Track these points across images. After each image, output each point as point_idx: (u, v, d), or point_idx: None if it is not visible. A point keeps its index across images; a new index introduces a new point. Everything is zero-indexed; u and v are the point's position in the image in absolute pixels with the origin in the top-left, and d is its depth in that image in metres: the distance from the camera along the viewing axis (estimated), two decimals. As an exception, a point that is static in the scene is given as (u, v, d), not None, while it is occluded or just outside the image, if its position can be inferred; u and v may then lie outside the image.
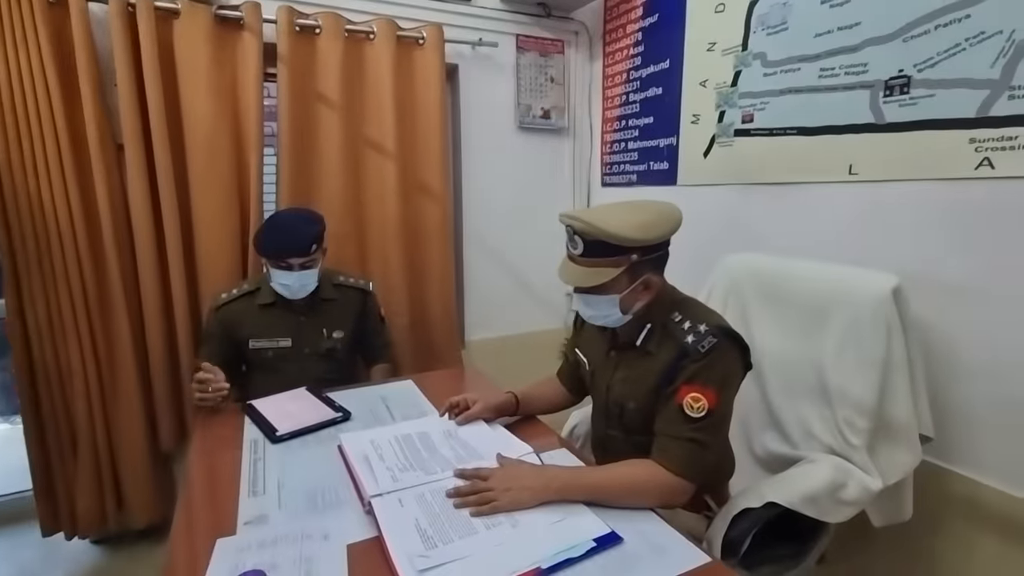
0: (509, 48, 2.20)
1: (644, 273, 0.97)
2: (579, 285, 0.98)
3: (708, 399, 0.92)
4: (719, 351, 0.94)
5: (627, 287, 0.97)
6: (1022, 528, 1.13)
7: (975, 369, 1.19)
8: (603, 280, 0.95)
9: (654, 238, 0.95)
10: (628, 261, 0.95)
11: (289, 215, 1.54)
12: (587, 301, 1.01)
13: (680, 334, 0.97)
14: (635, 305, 1.00)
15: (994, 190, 1.13)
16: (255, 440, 1.16)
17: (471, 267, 2.32)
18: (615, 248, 0.93)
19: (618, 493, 0.90)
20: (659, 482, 0.91)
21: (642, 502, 0.90)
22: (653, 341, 1.02)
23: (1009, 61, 1.08)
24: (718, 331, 0.95)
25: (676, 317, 1.00)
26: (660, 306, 1.02)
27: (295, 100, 1.79)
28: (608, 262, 0.95)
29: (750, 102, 1.64)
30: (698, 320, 0.97)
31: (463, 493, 0.89)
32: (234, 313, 1.50)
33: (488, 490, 0.89)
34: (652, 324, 1.02)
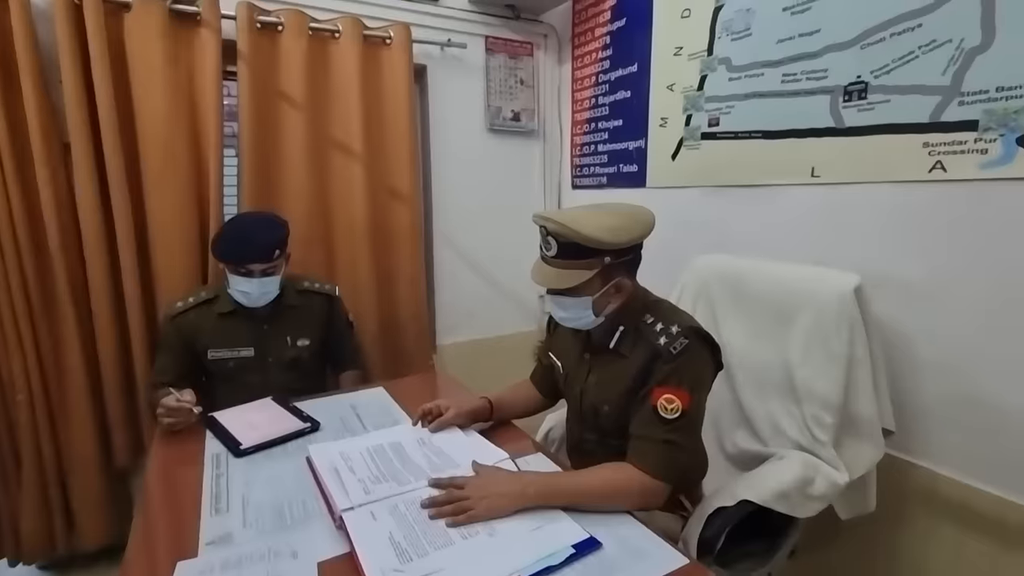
0: (478, 50, 2.18)
1: (617, 276, 0.98)
2: (552, 287, 0.98)
3: (682, 400, 0.92)
4: (691, 352, 0.94)
5: (599, 289, 0.97)
6: (977, 515, 1.18)
7: (930, 364, 1.24)
8: (576, 282, 0.95)
9: (627, 241, 0.95)
10: (601, 264, 0.95)
11: (250, 219, 1.48)
12: (560, 303, 1.01)
13: (652, 336, 0.98)
14: (607, 307, 1.00)
15: (945, 192, 1.18)
16: (217, 454, 1.11)
17: (441, 270, 2.29)
18: (588, 250, 0.93)
19: (596, 497, 0.89)
20: (636, 485, 0.91)
21: (620, 505, 0.90)
22: (626, 343, 1.02)
23: (959, 69, 1.13)
24: (690, 332, 0.96)
25: (648, 319, 1.00)
26: (632, 308, 1.03)
27: (257, 99, 1.73)
28: (581, 264, 0.95)
29: (716, 106, 1.68)
30: (670, 322, 0.98)
31: (438, 503, 0.87)
32: (191, 322, 1.43)
33: (464, 499, 0.87)
34: (625, 327, 1.03)
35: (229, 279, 1.39)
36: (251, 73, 1.70)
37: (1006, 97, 1.07)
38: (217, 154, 1.67)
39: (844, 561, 1.42)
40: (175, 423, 1.17)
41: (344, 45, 1.84)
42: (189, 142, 1.66)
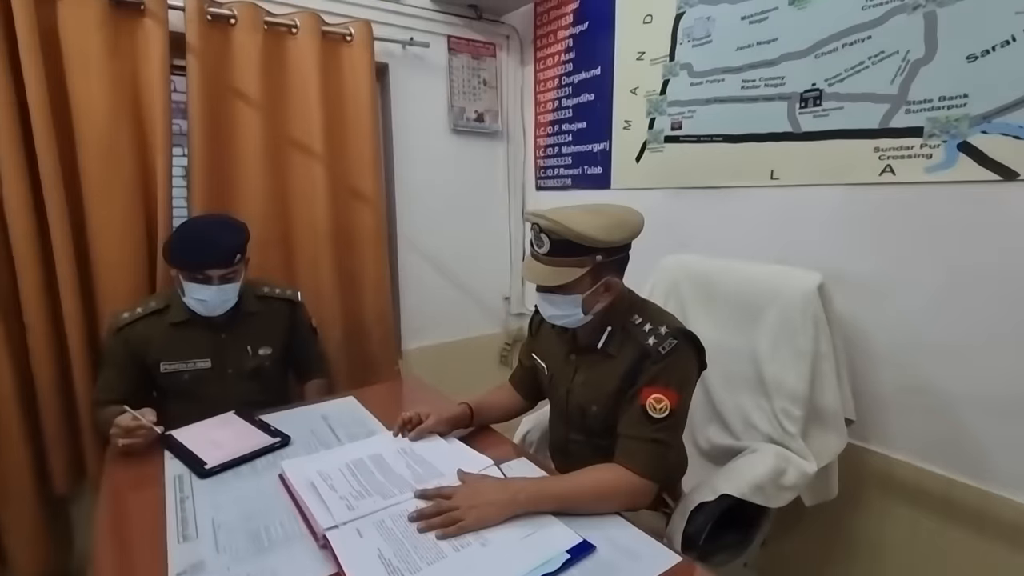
0: (441, 49, 2.15)
1: (606, 274, 0.99)
2: (544, 284, 0.98)
3: (670, 399, 0.94)
4: (679, 352, 0.96)
5: (590, 287, 0.98)
6: (927, 494, 1.27)
7: (883, 356, 1.32)
8: (567, 280, 0.95)
9: (618, 240, 0.97)
10: (592, 262, 0.96)
11: (208, 221, 1.39)
12: (550, 300, 1.01)
13: (641, 336, 0.99)
14: (596, 306, 1.01)
15: (895, 194, 1.26)
16: (179, 476, 1.03)
17: (406, 273, 2.25)
18: (580, 248, 0.94)
19: (586, 500, 0.89)
20: (626, 485, 0.91)
21: (610, 507, 0.90)
22: (614, 343, 1.03)
23: (905, 79, 1.21)
24: (678, 333, 0.98)
25: (636, 319, 1.02)
26: (620, 308, 1.04)
27: (208, 96, 1.63)
28: (573, 262, 0.95)
29: (678, 110, 1.72)
30: (658, 322, 1.00)
31: (427, 515, 0.85)
32: (140, 334, 1.33)
33: (453, 509, 0.85)
34: (612, 327, 1.03)
35: (184, 287, 1.30)
36: (201, 68, 1.60)
37: (947, 106, 1.15)
38: (165, 153, 1.56)
39: (809, 545, 1.49)
40: (132, 444, 1.08)
41: (302, 41, 1.77)
42: (133, 140, 1.54)
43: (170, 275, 1.61)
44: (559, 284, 0.96)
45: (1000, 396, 1.14)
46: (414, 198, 2.20)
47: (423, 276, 2.29)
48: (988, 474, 1.18)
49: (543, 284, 0.98)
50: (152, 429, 1.10)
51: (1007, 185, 1.09)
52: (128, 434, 1.08)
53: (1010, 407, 1.13)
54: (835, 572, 1.46)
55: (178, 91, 1.70)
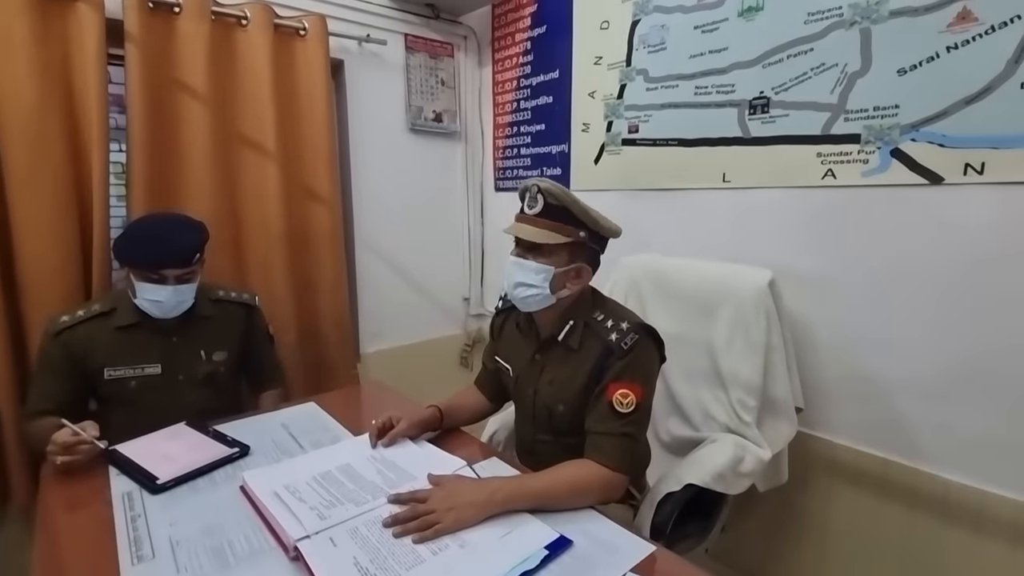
0: (398, 47, 2.12)
1: (582, 258, 1.02)
2: (527, 238, 1.00)
3: (635, 394, 0.96)
4: (641, 347, 0.99)
5: (565, 264, 1.01)
6: (868, 475, 1.37)
7: (826, 348, 1.41)
8: (551, 240, 0.98)
9: (603, 228, 1.02)
10: (577, 235, 0.99)
11: (164, 220, 1.30)
12: (522, 265, 1.02)
13: (603, 332, 1.02)
14: (562, 290, 1.03)
15: (836, 196, 1.35)
16: (128, 493, 0.96)
17: (364, 275, 2.19)
18: (571, 218, 0.99)
19: (563, 496, 0.90)
20: (599, 479, 0.93)
21: (585, 501, 0.91)
22: (575, 337, 1.05)
23: (843, 89, 1.30)
24: (639, 328, 1.01)
25: (598, 316, 1.04)
26: (584, 303, 1.07)
27: (149, 88, 1.53)
28: (560, 228, 0.99)
29: (635, 114, 1.78)
30: (619, 318, 1.03)
31: (402, 519, 0.83)
32: (82, 338, 1.24)
33: (429, 512, 0.84)
34: (574, 321, 1.06)
35: (137, 287, 1.21)
36: (142, 58, 1.50)
37: (881, 115, 1.24)
38: (101, 148, 1.45)
39: (762, 529, 1.57)
40: (72, 462, 1.00)
41: (253, 34, 1.69)
42: (65, 132, 1.43)
43: (111, 279, 1.53)
44: (541, 242, 0.98)
45: (928, 382, 1.25)
46: (371, 198, 2.15)
47: (381, 278, 2.24)
48: (918, 453, 1.29)
49: (526, 238, 1.00)
50: (95, 444, 1.02)
51: (933, 189, 1.19)
52: (67, 451, 0.99)
53: (936, 392, 1.24)
54: (786, 552, 1.55)
55: (115, 83, 1.60)
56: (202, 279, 1.34)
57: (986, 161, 1.11)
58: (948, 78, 1.14)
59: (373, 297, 2.23)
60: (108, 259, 1.50)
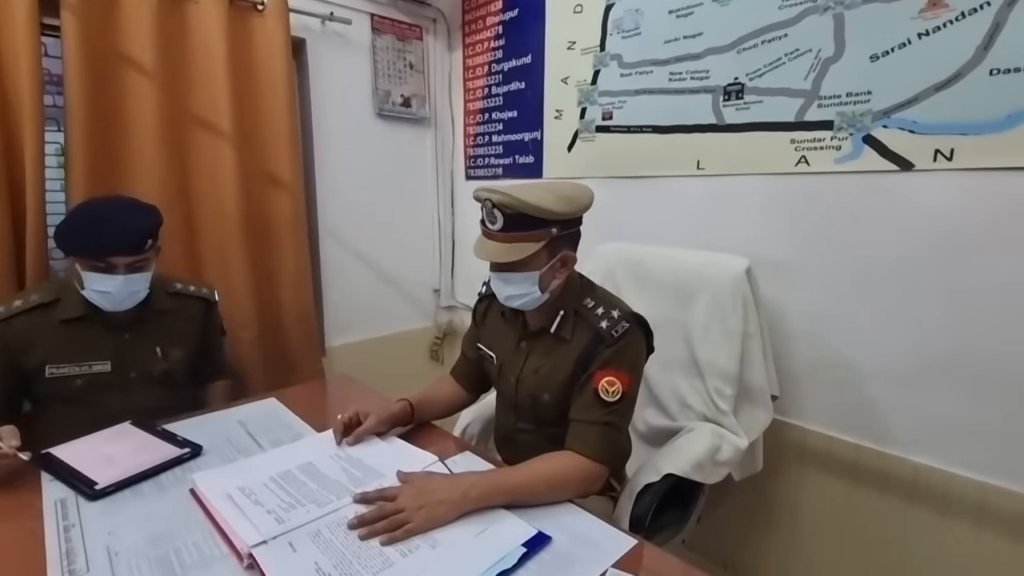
0: (364, 27, 2.03)
1: (562, 249, 0.97)
2: (500, 261, 0.94)
3: (622, 382, 0.93)
4: (630, 335, 0.96)
5: (546, 263, 0.96)
6: (839, 461, 1.38)
7: (798, 335, 1.42)
8: (524, 255, 0.92)
9: (572, 212, 0.95)
10: (548, 235, 0.93)
11: (111, 202, 1.19)
12: (506, 279, 0.97)
13: (594, 319, 0.98)
14: (552, 283, 0.98)
15: (809, 183, 1.35)
16: (61, 501, 0.87)
17: (329, 266, 2.10)
18: (536, 222, 0.91)
19: (541, 490, 0.86)
20: (580, 471, 0.90)
21: (565, 495, 0.88)
22: (567, 327, 1.01)
23: (817, 75, 1.29)
24: (630, 316, 0.98)
25: (588, 303, 1.01)
26: (572, 291, 1.03)
27: (90, 60, 1.41)
28: (529, 236, 0.92)
29: (609, 100, 1.74)
30: (610, 306, 1.00)
31: (368, 520, 0.77)
32: (19, 332, 1.13)
33: (398, 511, 0.78)
34: (565, 310, 1.02)
35: (83, 277, 1.11)
36: (81, 28, 1.38)
37: (854, 102, 1.24)
38: (35, 126, 1.33)
39: (734, 516, 1.57)
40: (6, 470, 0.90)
41: (206, 7, 1.59)
42: (-9, 109, 1.30)
43: (47, 268, 1.41)
44: (516, 260, 0.92)
45: (897, 369, 1.26)
46: (337, 185, 2.06)
47: (347, 268, 2.16)
48: (888, 438, 1.30)
49: (499, 261, 0.94)
50: (16, 456, 0.91)
51: (904, 175, 1.20)
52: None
53: (905, 378, 1.25)
54: (759, 539, 1.55)
55: (51, 56, 1.47)
56: (157, 269, 1.24)
57: (955, 147, 1.12)
58: (919, 64, 1.15)
59: (339, 288, 2.14)
60: (43, 247, 1.39)
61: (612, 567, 0.72)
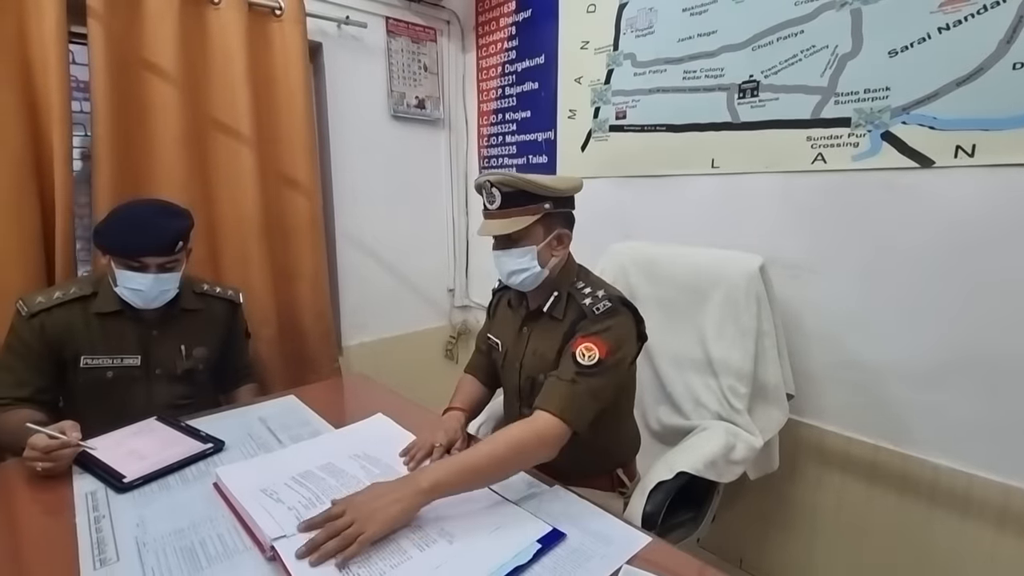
0: (379, 31, 2.06)
1: (557, 226, 1.04)
2: (498, 233, 1.01)
3: (599, 349, 0.93)
4: (613, 313, 0.99)
5: (543, 239, 1.02)
6: (857, 462, 1.36)
7: (815, 333, 1.40)
8: (521, 227, 0.99)
9: (564, 189, 1.02)
10: (543, 210, 1.00)
11: (147, 206, 1.23)
12: (507, 255, 1.03)
13: (581, 298, 1.03)
14: (551, 260, 1.04)
15: (826, 181, 1.34)
16: (91, 492, 0.91)
17: (345, 266, 2.14)
18: (531, 197, 0.99)
19: (497, 461, 0.84)
20: (535, 428, 0.88)
21: (526, 460, 0.88)
22: (559, 307, 1.06)
23: (834, 72, 1.28)
24: (613, 298, 1.01)
25: (579, 284, 1.05)
26: (567, 273, 1.08)
27: (115, 67, 1.46)
28: (525, 210, 1.00)
29: (623, 99, 1.74)
30: (597, 287, 1.04)
31: (319, 541, 0.71)
32: (59, 322, 1.17)
33: (347, 525, 0.72)
34: (559, 292, 1.06)
35: (117, 275, 1.15)
36: (107, 35, 1.43)
37: (872, 98, 1.23)
38: (63, 130, 1.38)
39: (750, 516, 1.56)
40: (54, 468, 0.93)
41: (225, 13, 1.62)
42: (24, 114, 1.36)
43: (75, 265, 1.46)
44: (514, 231, 0.99)
45: (917, 368, 1.24)
46: (353, 186, 2.09)
47: (363, 269, 2.18)
48: (908, 439, 1.28)
49: (497, 233, 1.01)
50: (78, 447, 0.95)
51: (924, 172, 1.18)
52: (48, 456, 0.92)
53: (927, 377, 1.23)
54: (776, 540, 1.54)
55: (78, 63, 1.52)
56: (186, 270, 1.28)
57: (977, 143, 1.10)
58: (939, 59, 1.13)
59: (355, 288, 2.17)
60: (71, 246, 1.43)
61: (626, 564, 0.72)
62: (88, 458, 0.98)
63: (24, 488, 0.92)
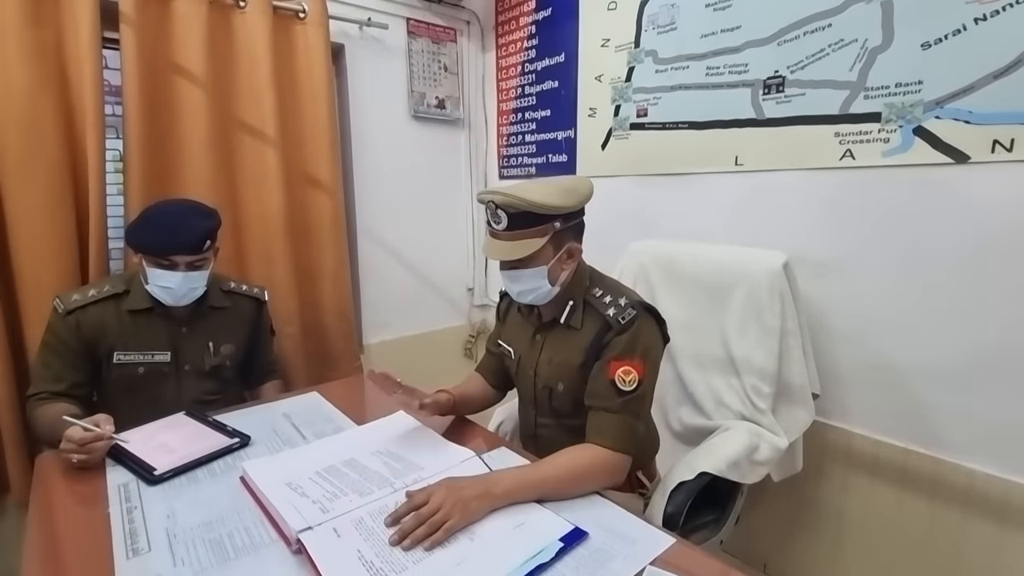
0: (400, 31, 2.07)
1: (567, 241, 0.99)
2: (507, 259, 0.97)
3: (638, 371, 0.94)
4: (640, 322, 0.97)
5: (553, 257, 0.98)
6: (886, 466, 1.33)
7: (842, 333, 1.37)
8: (530, 251, 0.95)
9: (573, 204, 0.97)
10: (552, 229, 0.96)
11: (177, 206, 1.27)
12: (515, 277, 1.00)
13: (602, 307, 1.00)
14: (561, 275, 1.01)
15: (854, 178, 1.30)
16: (124, 484, 0.93)
17: (366, 265, 2.16)
18: (538, 217, 0.94)
19: (565, 483, 0.87)
20: (601, 462, 0.90)
21: (589, 487, 0.88)
22: (576, 316, 1.03)
23: (864, 66, 1.25)
24: (636, 305, 0.99)
25: (597, 292, 1.03)
26: (581, 280, 1.05)
27: (146, 72, 1.49)
28: (533, 232, 0.95)
29: (644, 97, 1.73)
30: (617, 294, 1.01)
31: (408, 530, 0.75)
32: (93, 319, 1.21)
33: (434, 511, 0.77)
34: (574, 300, 1.03)
35: (147, 272, 1.19)
36: (138, 41, 1.47)
37: (903, 92, 1.19)
38: (96, 133, 1.42)
39: (774, 519, 1.54)
40: (89, 460, 0.96)
41: (251, 17, 1.65)
42: (60, 119, 1.40)
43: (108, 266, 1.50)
44: (523, 256, 0.95)
45: (952, 368, 1.21)
46: (374, 186, 2.11)
47: (383, 268, 2.21)
48: (940, 442, 1.25)
49: (506, 259, 0.97)
50: (111, 440, 0.98)
51: (959, 168, 1.14)
52: (83, 448, 0.95)
53: (959, 379, 1.20)
54: (800, 544, 1.51)
55: (111, 68, 1.56)
56: (214, 269, 1.31)
57: (1016, 137, 1.06)
58: (975, 51, 1.09)
59: (375, 287, 2.19)
60: (104, 246, 1.48)
61: (650, 565, 0.72)
62: (120, 451, 1.01)
63: (60, 479, 0.95)
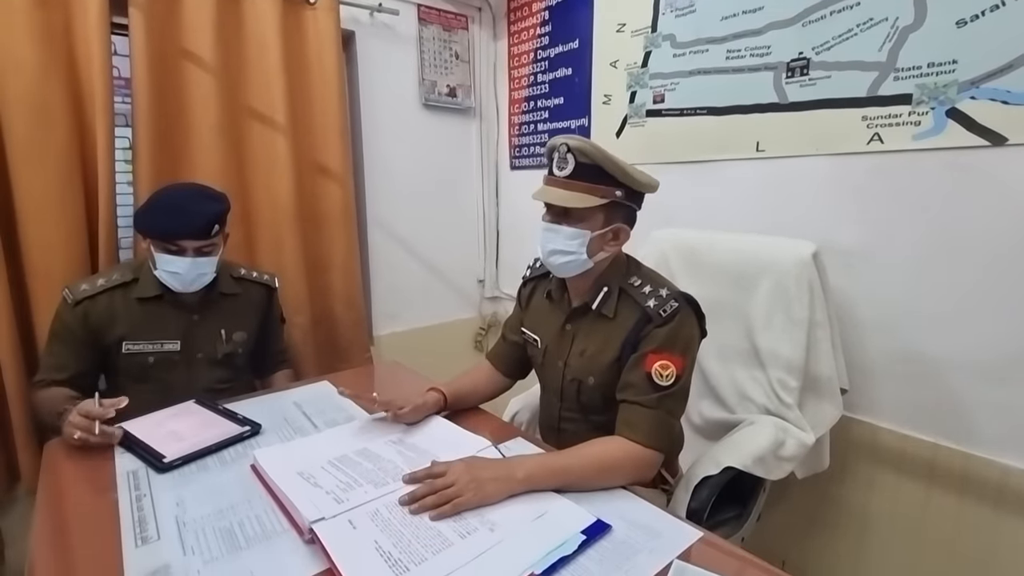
0: (411, 18, 2.04)
1: (619, 219, 0.95)
2: (559, 203, 0.91)
3: (676, 366, 0.90)
4: (681, 315, 0.92)
5: (601, 227, 0.93)
6: (914, 461, 1.28)
7: (870, 324, 1.33)
8: (585, 204, 0.90)
9: (642, 182, 0.93)
10: (612, 195, 0.91)
11: (184, 190, 1.25)
12: (555, 230, 0.94)
13: (641, 298, 0.95)
14: (599, 253, 0.96)
15: (883, 162, 1.26)
16: (133, 472, 0.91)
17: (376, 255, 2.13)
18: (606, 177, 0.90)
19: (589, 474, 0.84)
20: (630, 456, 0.87)
21: (614, 480, 0.85)
22: (610, 304, 0.98)
23: (894, 46, 1.20)
24: (679, 296, 0.94)
25: (635, 281, 0.98)
26: (618, 268, 1.00)
27: (155, 57, 1.47)
28: (594, 189, 0.91)
29: (661, 83, 1.68)
30: (658, 285, 0.96)
31: (418, 496, 0.77)
32: (102, 309, 1.19)
33: (448, 485, 0.77)
34: (609, 287, 0.99)
35: (156, 258, 1.17)
36: (147, 24, 1.44)
37: (936, 72, 1.15)
38: (106, 118, 1.39)
39: (796, 516, 1.49)
40: (90, 440, 0.93)
41: (261, 2, 1.62)
42: (69, 104, 1.37)
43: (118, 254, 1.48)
44: (576, 207, 0.90)
45: (984, 361, 1.16)
46: (384, 175, 2.09)
47: (394, 258, 2.18)
48: (972, 437, 1.20)
49: (558, 203, 0.91)
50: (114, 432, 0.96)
51: (995, 150, 1.10)
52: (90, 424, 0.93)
53: (993, 371, 1.15)
54: (823, 542, 1.47)
55: (119, 54, 1.54)
56: (224, 255, 1.29)
57: (1058, 118, 1.02)
58: (1014, 28, 1.04)
59: (386, 278, 2.16)
60: (114, 235, 1.46)
61: (677, 559, 0.68)
62: (129, 438, 0.99)
63: (69, 467, 0.93)
